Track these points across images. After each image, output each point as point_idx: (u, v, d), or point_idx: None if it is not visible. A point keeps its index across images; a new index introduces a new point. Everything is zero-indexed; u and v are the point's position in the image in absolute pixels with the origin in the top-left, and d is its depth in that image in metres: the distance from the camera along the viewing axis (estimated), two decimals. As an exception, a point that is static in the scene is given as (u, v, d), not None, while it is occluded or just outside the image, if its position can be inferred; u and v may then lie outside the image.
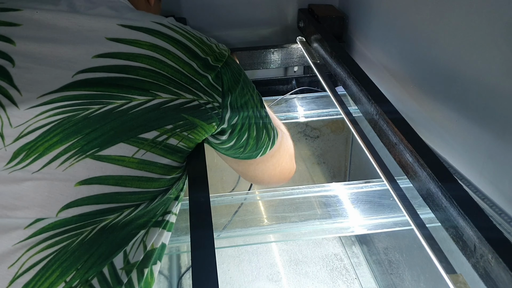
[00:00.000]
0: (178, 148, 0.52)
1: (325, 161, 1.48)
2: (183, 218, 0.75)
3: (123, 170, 0.48)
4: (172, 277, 1.23)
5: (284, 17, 1.25)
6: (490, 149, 0.66)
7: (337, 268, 1.28)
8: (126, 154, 0.48)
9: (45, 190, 0.45)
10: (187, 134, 0.52)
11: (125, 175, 0.48)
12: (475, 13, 0.66)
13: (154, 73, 0.50)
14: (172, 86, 0.51)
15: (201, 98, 0.52)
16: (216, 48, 0.57)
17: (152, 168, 0.50)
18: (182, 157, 0.54)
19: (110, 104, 0.48)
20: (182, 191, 0.60)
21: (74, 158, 0.46)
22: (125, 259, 0.49)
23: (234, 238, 0.77)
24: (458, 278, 0.51)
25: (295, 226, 0.78)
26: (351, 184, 0.82)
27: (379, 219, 0.77)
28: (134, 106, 0.49)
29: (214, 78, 0.54)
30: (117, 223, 0.49)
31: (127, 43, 0.51)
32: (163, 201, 0.55)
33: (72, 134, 0.46)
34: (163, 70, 0.50)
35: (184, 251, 1.17)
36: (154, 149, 0.50)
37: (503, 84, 0.61)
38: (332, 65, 0.94)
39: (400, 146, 0.64)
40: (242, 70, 0.61)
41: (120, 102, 0.48)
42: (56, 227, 0.45)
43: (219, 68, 0.55)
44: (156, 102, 0.50)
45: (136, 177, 0.49)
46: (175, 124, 0.51)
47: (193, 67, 0.52)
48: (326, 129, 1.42)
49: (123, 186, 0.48)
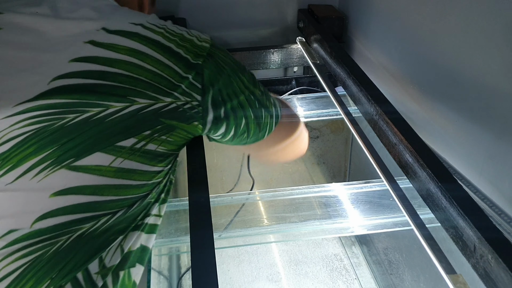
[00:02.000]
0: (158, 152, 0.52)
1: (325, 162, 1.48)
2: (183, 219, 0.75)
3: (100, 179, 0.47)
4: (172, 277, 1.23)
5: (284, 18, 1.25)
6: (490, 149, 0.66)
7: (337, 269, 1.28)
8: (103, 164, 0.47)
9: (19, 202, 0.45)
10: (166, 137, 0.52)
11: (102, 184, 0.47)
12: (475, 13, 0.66)
13: (132, 79, 0.50)
14: (150, 91, 0.50)
15: (179, 99, 0.52)
16: (197, 41, 0.56)
17: (130, 176, 0.50)
18: (163, 160, 0.53)
19: (87, 112, 0.47)
20: (164, 193, 0.59)
21: (49, 169, 0.45)
22: (100, 264, 0.48)
23: (234, 238, 0.77)
24: (458, 278, 0.51)
25: (295, 226, 0.78)
26: (351, 185, 0.82)
27: (379, 219, 0.77)
28: (111, 114, 0.48)
29: (194, 77, 0.53)
30: (94, 231, 0.48)
31: (105, 47, 0.50)
32: (143, 206, 0.54)
33: (48, 144, 0.46)
34: (141, 75, 0.50)
35: (184, 252, 1.17)
36: (133, 156, 0.49)
37: (503, 85, 0.61)
38: (332, 66, 0.94)
39: (400, 147, 0.64)
40: (228, 57, 0.59)
41: (97, 110, 0.48)
42: (31, 237, 0.44)
43: (200, 64, 0.54)
44: (134, 108, 0.49)
45: (114, 186, 0.48)
46: (153, 129, 0.50)
47: (173, 70, 0.52)
48: (326, 130, 1.42)
49: (100, 195, 0.48)
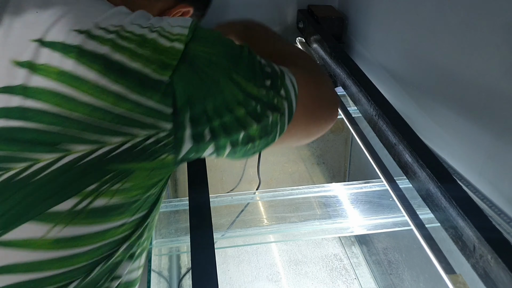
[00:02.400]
0: (112, 206, 0.40)
1: (325, 162, 1.48)
2: (183, 219, 0.75)
3: (35, 254, 0.38)
4: (171, 277, 1.23)
5: (284, 18, 1.25)
6: (489, 150, 0.66)
7: (337, 268, 1.28)
8: (34, 236, 0.37)
9: None
10: (119, 186, 0.40)
11: (38, 260, 0.38)
12: (474, 13, 0.66)
13: (62, 119, 0.37)
14: (90, 132, 0.38)
15: (136, 136, 0.39)
16: (166, 41, 0.41)
17: (75, 244, 0.39)
18: (122, 212, 0.42)
19: (8, 170, 0.37)
20: (140, 246, 0.47)
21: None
22: None
23: (234, 238, 0.77)
24: (457, 278, 0.51)
25: (294, 226, 0.78)
26: (351, 185, 0.82)
27: (379, 219, 0.77)
28: (39, 171, 0.37)
29: (159, 100, 0.39)
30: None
31: (35, 70, 0.38)
32: (104, 270, 0.43)
33: None
34: (75, 111, 0.37)
35: (184, 251, 1.17)
36: (76, 220, 0.39)
37: (502, 85, 0.62)
38: (332, 66, 0.94)
39: (400, 147, 0.64)
40: (215, 47, 0.44)
41: (21, 166, 0.37)
42: None
43: (165, 83, 0.40)
44: (68, 160, 0.37)
45: (55, 259, 0.39)
46: (100, 181, 0.39)
47: (123, 97, 0.38)
48: (325, 130, 1.42)
49: (38, 271, 0.38)
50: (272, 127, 0.48)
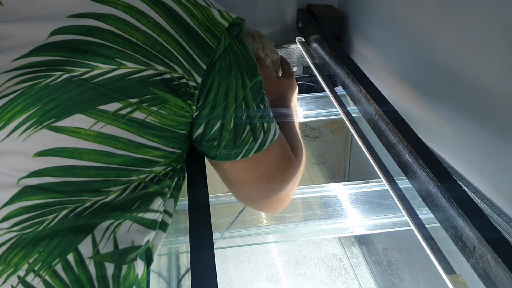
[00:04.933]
0: (146, 124, 0.47)
1: (325, 162, 1.48)
2: (183, 219, 0.75)
3: (79, 142, 0.45)
4: (171, 277, 1.23)
5: (283, 18, 1.25)
6: (489, 149, 0.66)
7: (337, 269, 1.28)
8: (82, 126, 0.45)
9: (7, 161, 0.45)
10: (157, 109, 0.47)
11: (81, 147, 0.45)
12: (474, 13, 0.66)
13: (121, 39, 0.46)
14: (140, 55, 0.46)
15: (175, 71, 0.47)
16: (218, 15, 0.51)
17: (113, 143, 0.46)
18: (156, 135, 0.49)
19: (71, 72, 0.45)
20: (172, 189, 0.55)
21: (32, 129, 0.44)
22: (94, 249, 0.46)
23: (233, 238, 0.77)
24: (457, 278, 0.51)
25: (294, 226, 0.78)
26: (351, 185, 0.82)
27: (379, 219, 0.77)
28: (96, 76, 0.45)
29: (198, 54, 0.48)
30: (81, 213, 0.46)
31: (103, 3, 0.47)
32: (139, 196, 0.50)
33: (32, 103, 0.44)
34: (133, 36, 0.46)
35: (183, 252, 1.17)
36: (116, 122, 0.46)
37: (502, 84, 0.61)
38: (332, 65, 0.94)
39: (399, 146, 0.64)
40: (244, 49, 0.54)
41: (82, 70, 0.45)
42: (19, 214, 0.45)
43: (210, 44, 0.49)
44: (120, 72, 0.46)
45: (94, 151, 0.46)
46: (140, 98, 0.46)
47: (172, 36, 0.47)
48: (325, 129, 1.42)
49: (78, 159, 0.45)
50: (240, 144, 0.54)
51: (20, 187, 0.44)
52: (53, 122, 0.45)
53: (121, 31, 0.46)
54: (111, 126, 0.46)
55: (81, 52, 0.45)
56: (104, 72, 0.45)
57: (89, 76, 0.45)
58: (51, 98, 0.45)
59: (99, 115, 0.45)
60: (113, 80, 0.45)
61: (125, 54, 0.46)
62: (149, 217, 0.51)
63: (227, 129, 0.53)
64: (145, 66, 0.46)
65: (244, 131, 0.54)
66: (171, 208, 0.57)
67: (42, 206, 0.45)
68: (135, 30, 0.46)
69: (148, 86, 0.46)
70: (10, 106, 0.45)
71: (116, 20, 0.46)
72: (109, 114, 0.45)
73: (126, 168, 0.48)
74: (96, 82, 0.45)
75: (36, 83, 0.45)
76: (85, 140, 0.45)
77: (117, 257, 0.48)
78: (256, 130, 0.55)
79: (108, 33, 0.46)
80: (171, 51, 0.47)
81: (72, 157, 0.45)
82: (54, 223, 0.45)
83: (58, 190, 0.45)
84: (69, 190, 0.46)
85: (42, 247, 0.45)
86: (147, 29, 0.46)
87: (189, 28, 0.49)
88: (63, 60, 0.45)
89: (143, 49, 0.46)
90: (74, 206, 0.46)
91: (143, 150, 0.48)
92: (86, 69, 0.45)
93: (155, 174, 0.51)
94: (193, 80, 0.48)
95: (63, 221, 0.46)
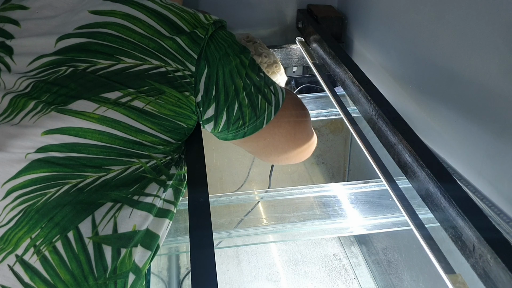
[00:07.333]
0: (145, 111, 0.52)
1: (324, 161, 1.48)
2: (183, 218, 0.75)
3: (84, 123, 0.50)
4: (171, 277, 1.23)
5: (283, 18, 1.25)
6: (489, 149, 0.66)
7: (336, 268, 1.28)
8: (87, 110, 0.51)
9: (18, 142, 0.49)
10: (154, 98, 0.53)
11: (85, 127, 0.50)
12: (474, 13, 0.66)
13: (120, 39, 0.53)
14: (137, 52, 0.53)
15: (169, 65, 0.53)
16: (202, 17, 0.58)
17: (114, 126, 0.51)
18: (154, 123, 0.53)
19: (76, 66, 0.52)
20: (171, 178, 0.58)
21: (42, 112, 0.51)
22: (93, 230, 0.49)
23: (233, 238, 0.77)
24: (457, 278, 0.51)
25: (294, 226, 0.78)
26: (350, 184, 0.82)
27: (378, 219, 0.77)
28: (97, 70, 0.52)
29: (189, 45, 0.55)
30: (83, 188, 0.49)
31: (104, 14, 0.55)
32: (137, 178, 0.53)
33: (43, 92, 0.52)
34: (129, 37, 0.53)
35: (183, 252, 1.17)
36: (117, 107, 0.51)
37: (502, 84, 0.62)
38: (331, 66, 0.94)
39: (399, 146, 0.64)
40: (230, 36, 0.60)
41: (85, 65, 0.52)
42: (24, 187, 0.48)
43: (198, 35, 0.56)
44: (120, 67, 0.52)
45: (97, 131, 0.51)
46: (138, 89, 0.52)
47: (163, 34, 0.54)
48: (325, 129, 1.42)
49: (83, 137, 0.50)
50: (260, 112, 0.61)
51: (27, 161, 0.48)
52: (61, 106, 0.51)
53: (119, 33, 0.53)
54: (113, 111, 0.51)
55: (84, 52, 0.53)
56: (105, 67, 0.52)
57: (91, 70, 0.52)
58: (60, 87, 0.52)
59: (102, 101, 0.51)
60: (113, 73, 0.52)
61: (123, 51, 0.53)
62: (146, 201, 0.54)
63: (245, 105, 0.59)
64: (142, 61, 0.53)
65: (258, 100, 0.60)
66: (174, 197, 0.60)
67: (46, 179, 0.49)
68: (131, 32, 0.54)
69: (145, 78, 0.52)
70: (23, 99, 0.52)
71: (114, 25, 0.54)
72: (111, 101, 0.51)
73: (126, 150, 0.52)
74: (98, 74, 0.52)
75: (47, 78, 0.53)
76: (89, 121, 0.50)
77: (115, 240, 0.50)
78: (267, 95, 0.61)
79: (108, 35, 0.53)
80: (164, 47, 0.54)
81: (77, 135, 0.50)
82: (56, 196, 0.48)
83: (63, 164, 0.49)
84: (73, 164, 0.50)
85: (44, 223, 0.47)
86: (142, 31, 0.54)
87: (179, 28, 0.55)
88: (68, 59, 0.53)
89: (139, 47, 0.53)
90: (77, 181, 0.50)
91: (142, 135, 0.53)
92: (89, 64, 0.52)
93: (156, 161, 0.55)
94: (187, 69, 0.54)
95: (65, 195, 0.48)
